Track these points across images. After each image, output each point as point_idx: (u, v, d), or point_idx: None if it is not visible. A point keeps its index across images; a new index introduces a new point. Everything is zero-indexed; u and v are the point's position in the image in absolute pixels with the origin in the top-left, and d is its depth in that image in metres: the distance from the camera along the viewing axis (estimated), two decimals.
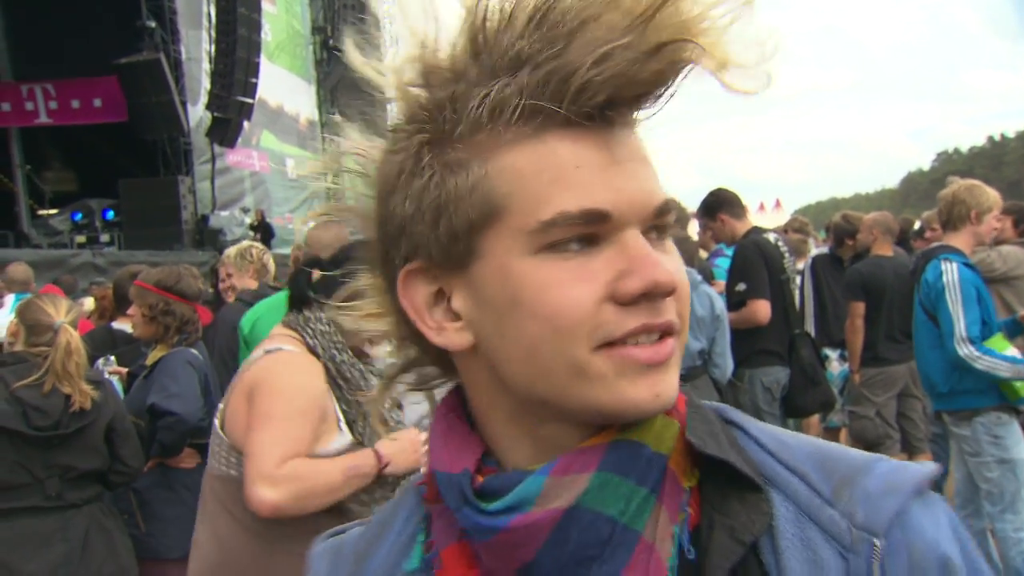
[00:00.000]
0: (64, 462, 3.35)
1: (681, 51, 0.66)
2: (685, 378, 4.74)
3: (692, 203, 6.30)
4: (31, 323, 3.40)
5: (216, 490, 2.31)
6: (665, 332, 0.69)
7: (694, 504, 0.72)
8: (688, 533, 0.71)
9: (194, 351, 3.84)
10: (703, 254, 6.73)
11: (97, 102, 16.90)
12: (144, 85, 15.21)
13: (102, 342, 4.91)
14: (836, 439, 6.82)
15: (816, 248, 9.00)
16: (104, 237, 16.11)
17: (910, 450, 6.14)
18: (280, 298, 3.57)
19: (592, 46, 0.64)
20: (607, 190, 0.67)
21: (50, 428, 3.31)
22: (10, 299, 6.71)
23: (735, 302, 5.18)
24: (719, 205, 5.43)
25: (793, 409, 5.40)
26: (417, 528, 0.81)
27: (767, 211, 20.57)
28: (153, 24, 15.40)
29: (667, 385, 0.69)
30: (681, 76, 0.68)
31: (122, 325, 4.96)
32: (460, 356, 0.76)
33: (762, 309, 5.07)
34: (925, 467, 0.72)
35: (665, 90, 0.68)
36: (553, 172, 0.67)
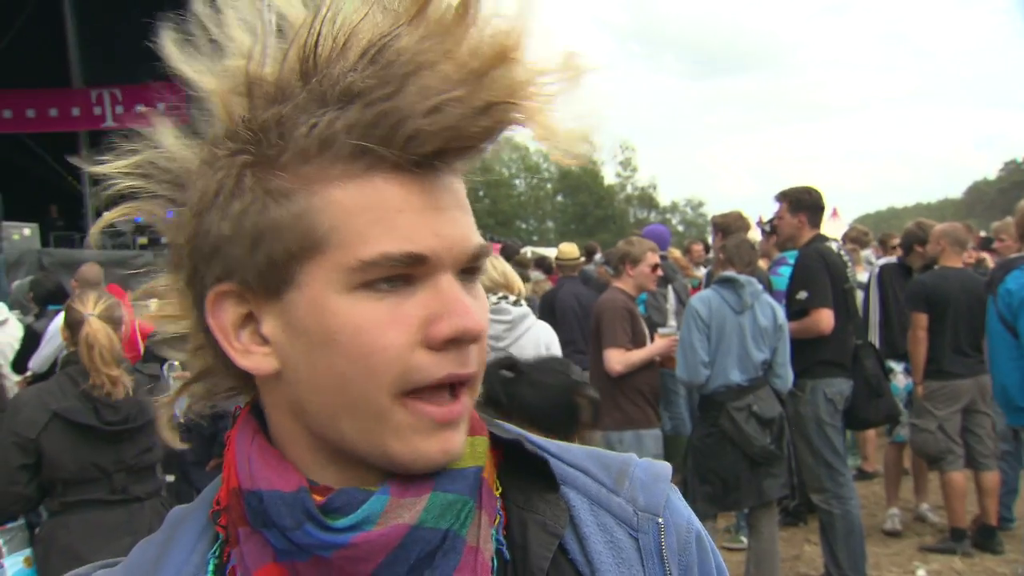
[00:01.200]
0: (130, 456, 3.48)
1: (509, 112, 0.68)
2: (748, 389, 4.68)
3: (749, 210, 6.20)
4: (70, 322, 3.54)
5: None
6: (463, 383, 0.73)
7: (502, 510, 0.79)
8: (502, 536, 0.77)
9: None
10: (763, 263, 6.64)
11: (161, 107, 17.29)
12: None
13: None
14: (901, 454, 6.66)
15: (877, 258, 8.81)
16: (165, 239, 16.44)
17: (976, 467, 5.96)
18: None
19: (425, 94, 0.66)
20: (427, 235, 0.69)
21: (120, 423, 3.43)
22: None
23: (796, 310, 5.09)
24: (808, 206, 5.31)
25: (856, 421, 5.29)
26: (206, 557, 0.79)
27: (824, 220, 20.16)
28: None
29: (455, 442, 0.73)
30: (505, 134, 0.70)
31: None
32: (265, 380, 0.76)
33: (825, 318, 4.97)
34: (667, 463, 0.87)
35: (490, 145, 0.71)
36: (377, 213, 0.68)
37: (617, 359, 5.01)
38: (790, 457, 4.88)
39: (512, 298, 4.23)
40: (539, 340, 4.25)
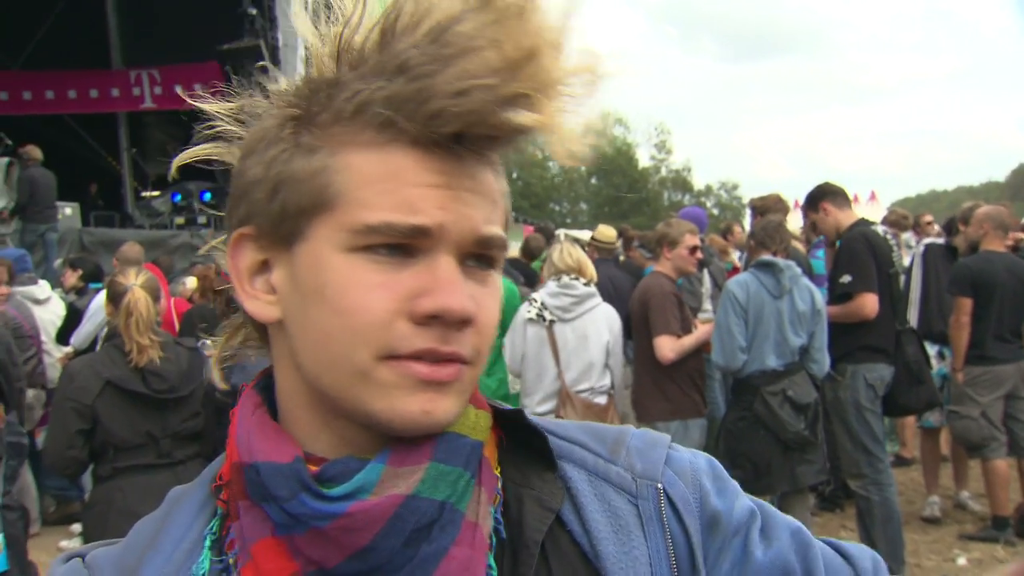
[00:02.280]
0: (175, 423, 3.71)
1: (533, 107, 0.68)
2: (784, 373, 4.62)
3: (785, 193, 6.13)
4: (112, 293, 3.76)
5: None
6: (452, 359, 0.72)
7: (500, 489, 0.80)
8: (499, 514, 0.78)
9: None
10: (800, 247, 6.54)
11: (198, 87, 17.43)
12: (245, 70, 15.60)
13: (210, 318, 5.11)
14: (935, 440, 6.57)
15: (917, 241, 8.66)
16: (201, 219, 16.60)
17: (1019, 453, 5.86)
18: None
19: (460, 77, 0.67)
20: (432, 209, 0.70)
21: (166, 391, 3.64)
22: None
23: (839, 294, 5.01)
24: (822, 195, 5.25)
25: (896, 407, 5.21)
26: (204, 532, 0.79)
27: (861, 203, 19.86)
28: (254, 11, 15.73)
29: (440, 405, 0.72)
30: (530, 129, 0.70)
31: None
32: (273, 330, 0.78)
33: (870, 303, 4.89)
34: (663, 434, 0.87)
35: (517, 137, 0.71)
36: (390, 184, 0.70)
37: (670, 346, 4.93)
38: (826, 443, 4.82)
39: (583, 280, 4.87)
40: (601, 318, 4.85)
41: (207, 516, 0.80)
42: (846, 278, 4.96)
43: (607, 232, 8.15)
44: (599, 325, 4.84)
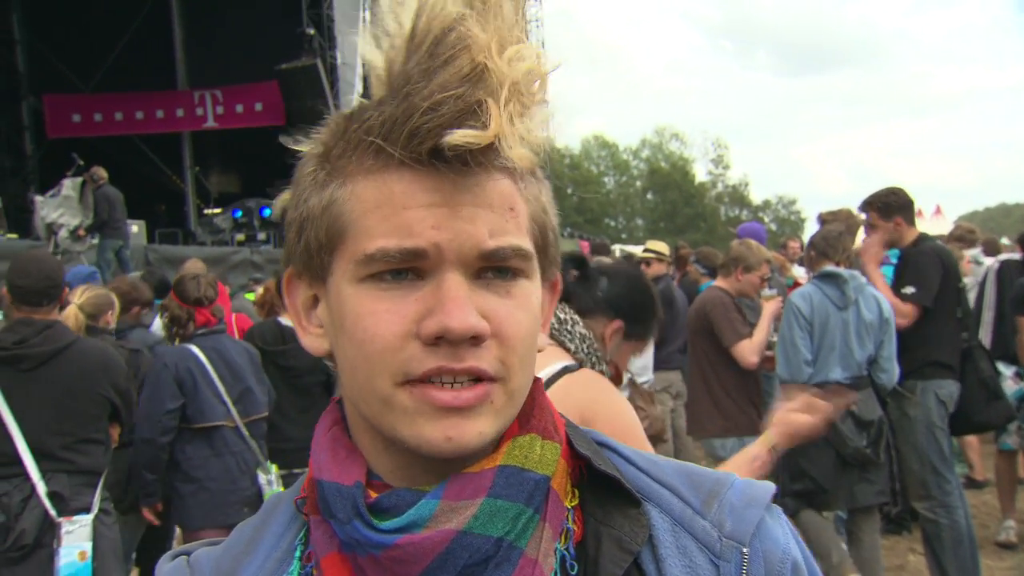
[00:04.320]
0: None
1: (496, 112, 0.67)
2: (850, 387, 4.49)
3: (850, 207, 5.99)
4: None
5: None
6: (477, 377, 0.70)
7: (577, 521, 0.76)
8: (572, 549, 0.75)
9: (192, 348, 4.33)
10: None
11: (258, 106, 17.82)
12: (302, 89, 15.91)
13: (272, 336, 5.19)
14: (1013, 463, 6.32)
15: (983, 257, 8.37)
16: (261, 235, 16.93)
17: None
18: None
19: (435, 90, 0.66)
20: (428, 231, 0.68)
21: None
22: None
23: None
24: (898, 207, 5.07)
25: (972, 425, 5.02)
26: (294, 542, 0.81)
27: (926, 218, 19.30)
28: (312, 31, 16.03)
29: (464, 430, 0.70)
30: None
31: (288, 320, 5.21)
32: (332, 360, 0.79)
33: (913, 313, 4.75)
34: (769, 484, 0.81)
35: (502, 143, 0.68)
36: (385, 209, 0.69)
37: (750, 350, 4.94)
38: (891, 463, 4.67)
39: None
40: None
41: (298, 526, 0.82)
42: (909, 289, 4.81)
43: (662, 245, 8.14)
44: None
